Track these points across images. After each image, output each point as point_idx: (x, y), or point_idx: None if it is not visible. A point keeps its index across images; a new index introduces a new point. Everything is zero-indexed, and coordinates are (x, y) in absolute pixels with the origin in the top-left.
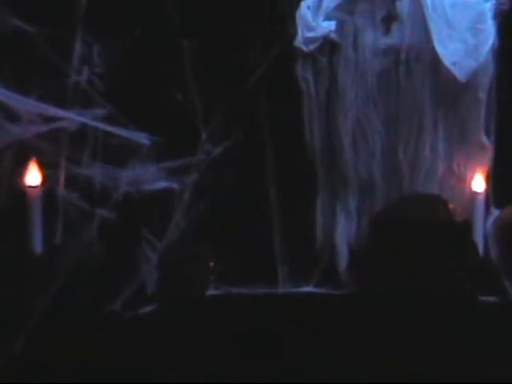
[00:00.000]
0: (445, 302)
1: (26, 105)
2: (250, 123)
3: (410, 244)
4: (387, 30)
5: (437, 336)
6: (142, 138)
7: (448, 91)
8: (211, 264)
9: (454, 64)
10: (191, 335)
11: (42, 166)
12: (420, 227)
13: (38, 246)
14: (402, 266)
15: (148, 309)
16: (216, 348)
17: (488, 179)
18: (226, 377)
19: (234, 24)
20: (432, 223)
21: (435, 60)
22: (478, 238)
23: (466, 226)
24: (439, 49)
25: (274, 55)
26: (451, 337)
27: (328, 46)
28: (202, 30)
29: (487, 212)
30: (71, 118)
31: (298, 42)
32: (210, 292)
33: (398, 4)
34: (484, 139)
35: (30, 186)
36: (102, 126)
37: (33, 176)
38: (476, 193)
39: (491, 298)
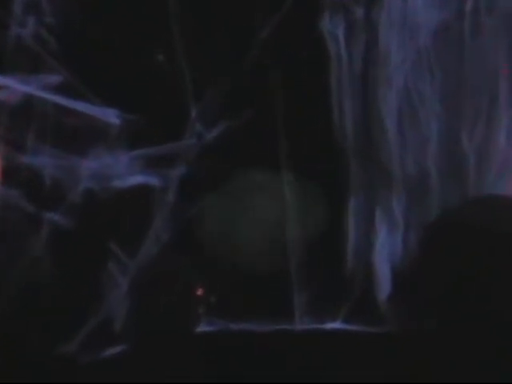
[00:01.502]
0: None
1: None
2: (256, 99)
3: (478, 264)
4: None
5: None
6: (111, 116)
7: None
8: (199, 291)
9: None
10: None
11: None
12: (492, 241)
13: None
14: (467, 291)
15: (114, 351)
16: None
17: None
18: None
19: None
20: (508, 235)
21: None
22: None
23: None
24: None
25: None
26: None
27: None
28: None
29: None
30: (12, 86)
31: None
32: (201, 328)
33: None
34: None
35: None
36: (53, 98)
37: None
38: None
39: None
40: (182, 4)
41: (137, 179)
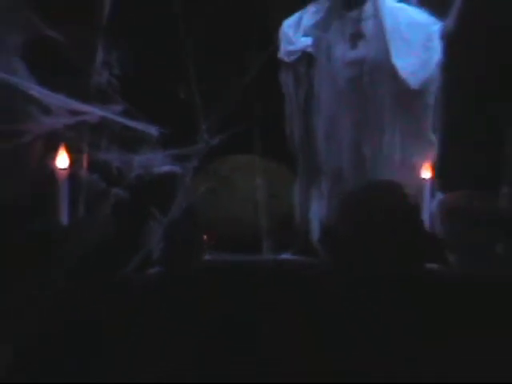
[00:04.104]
0: (399, 267)
1: (57, 100)
2: (242, 119)
3: (371, 220)
4: (354, 45)
5: (391, 295)
6: (152, 130)
7: (403, 97)
8: (206, 237)
9: (408, 74)
10: (186, 293)
11: (69, 152)
12: (380, 207)
13: (65, 218)
14: (364, 237)
15: (154, 270)
16: (207, 305)
17: (434, 169)
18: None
19: (232, 37)
20: (389, 204)
21: (393, 71)
22: (425, 216)
23: (417, 207)
24: (396, 62)
25: (263, 65)
26: (404, 293)
27: (306, 57)
28: (205, 42)
29: (433, 196)
30: (93, 112)
31: (281, 54)
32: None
33: (363, 24)
34: (431, 136)
35: (60, 169)
36: (118, 119)
37: (62, 160)
38: (424, 180)
39: (434, 265)
40: (199, 60)
41: (167, 168)
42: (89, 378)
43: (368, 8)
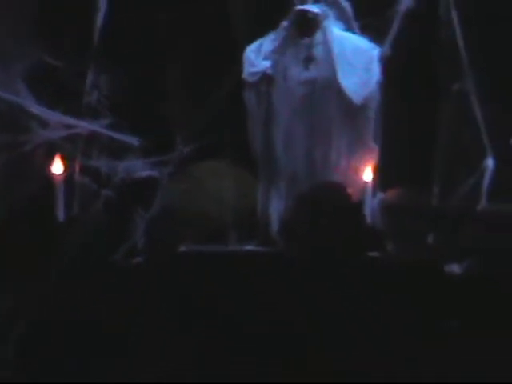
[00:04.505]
0: (346, 255)
1: (54, 116)
2: (213, 131)
3: (322, 216)
4: (307, 67)
5: (340, 280)
6: (134, 141)
7: (348, 111)
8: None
9: (352, 92)
10: (166, 277)
11: (64, 159)
12: (329, 205)
13: (61, 215)
14: (316, 230)
15: (139, 259)
16: (184, 291)
17: (375, 172)
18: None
19: (205, 62)
20: (337, 202)
21: (340, 89)
22: (367, 212)
23: (359, 204)
24: (342, 81)
25: (230, 84)
26: (350, 277)
27: (266, 78)
28: (181, 66)
29: (374, 194)
30: (85, 126)
31: (245, 74)
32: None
33: (314, 49)
34: (373, 144)
35: (56, 174)
36: (105, 131)
37: (57, 166)
38: (366, 182)
39: (375, 253)
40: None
41: (147, 173)
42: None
43: (318, 36)
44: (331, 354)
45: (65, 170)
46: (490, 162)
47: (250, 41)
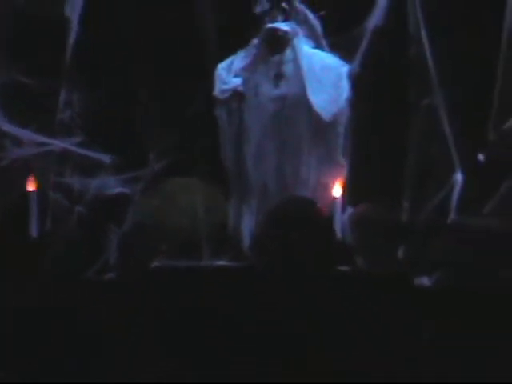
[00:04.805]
0: (316, 270)
1: (26, 134)
2: (185, 147)
3: (293, 231)
4: (277, 84)
5: (310, 292)
6: (105, 158)
7: (318, 127)
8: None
9: (321, 109)
10: (139, 292)
11: (37, 177)
12: (298, 220)
13: (34, 231)
14: (286, 245)
15: (111, 274)
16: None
17: (344, 187)
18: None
19: (175, 80)
20: (307, 217)
21: (309, 106)
22: (337, 227)
23: (329, 219)
24: (312, 98)
25: (201, 102)
26: (319, 290)
27: (237, 95)
28: (152, 81)
29: (344, 209)
30: (57, 143)
31: (216, 92)
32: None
33: (284, 66)
34: (341, 160)
35: (29, 191)
36: (78, 149)
37: (31, 183)
38: (336, 197)
39: (345, 267)
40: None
41: (119, 190)
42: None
43: (288, 53)
44: (304, 366)
45: (38, 187)
46: (458, 177)
47: (221, 58)
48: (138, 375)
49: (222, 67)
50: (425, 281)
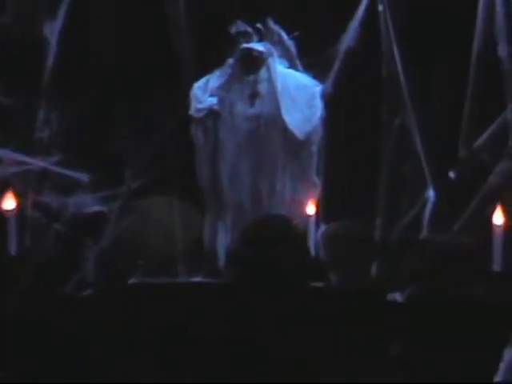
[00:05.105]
0: (290, 285)
1: (5, 153)
2: (160, 166)
3: (267, 248)
4: (252, 103)
5: (284, 309)
6: (83, 177)
7: (292, 146)
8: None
9: (295, 128)
10: (116, 309)
11: (16, 195)
12: (273, 238)
13: (14, 249)
14: (261, 263)
15: (88, 291)
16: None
17: (318, 205)
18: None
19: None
20: (281, 234)
21: (283, 125)
22: (311, 244)
23: (303, 236)
24: (286, 117)
25: (178, 120)
26: (294, 306)
27: (212, 114)
28: (128, 100)
29: (317, 227)
30: (36, 162)
31: (192, 111)
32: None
33: (259, 86)
34: (315, 178)
35: (7, 210)
36: (56, 168)
37: (9, 202)
38: (309, 215)
39: (319, 284)
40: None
41: (96, 208)
42: None
43: (263, 73)
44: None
45: (17, 206)
46: (430, 194)
47: (197, 77)
48: None
49: (197, 86)
50: (397, 296)
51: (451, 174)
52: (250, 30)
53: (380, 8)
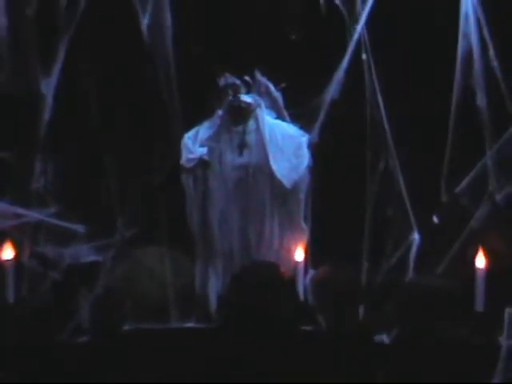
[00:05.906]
0: (281, 330)
1: (2, 206)
2: (151, 216)
3: (257, 293)
4: (240, 153)
5: (275, 350)
6: (79, 228)
7: (280, 193)
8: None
9: (282, 176)
10: (110, 355)
11: (14, 246)
12: (263, 283)
13: (11, 297)
14: (251, 307)
15: (84, 338)
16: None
17: (306, 251)
18: None
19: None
20: (270, 280)
21: (271, 173)
22: (300, 288)
23: (292, 282)
24: (273, 166)
25: (168, 170)
26: (284, 348)
27: (202, 163)
28: (119, 152)
29: (306, 272)
30: (33, 214)
31: (182, 160)
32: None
33: (247, 136)
34: (303, 225)
35: (6, 260)
36: (52, 220)
37: (7, 252)
38: (297, 261)
39: (309, 327)
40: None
41: (92, 257)
42: None
43: (251, 123)
44: None
45: (15, 256)
46: (415, 236)
47: (186, 129)
48: None
49: (188, 137)
50: (384, 338)
51: (435, 218)
52: (238, 81)
53: (364, 56)
